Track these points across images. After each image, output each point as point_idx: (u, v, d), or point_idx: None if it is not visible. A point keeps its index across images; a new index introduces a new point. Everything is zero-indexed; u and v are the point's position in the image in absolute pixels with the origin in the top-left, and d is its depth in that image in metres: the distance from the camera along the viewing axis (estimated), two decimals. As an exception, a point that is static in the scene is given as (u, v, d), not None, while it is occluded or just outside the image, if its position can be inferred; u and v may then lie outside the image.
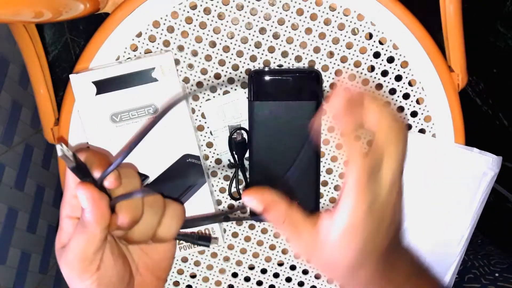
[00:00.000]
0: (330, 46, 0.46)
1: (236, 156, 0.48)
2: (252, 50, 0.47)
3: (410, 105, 0.48)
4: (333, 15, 0.45)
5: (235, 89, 0.48)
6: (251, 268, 0.53)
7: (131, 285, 0.36)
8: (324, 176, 0.50)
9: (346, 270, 0.31)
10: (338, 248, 0.30)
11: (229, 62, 0.47)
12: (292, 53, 0.47)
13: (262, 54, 0.47)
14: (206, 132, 0.49)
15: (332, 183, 0.50)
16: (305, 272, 0.53)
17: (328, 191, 0.51)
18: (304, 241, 0.31)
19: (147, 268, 0.37)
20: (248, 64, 0.47)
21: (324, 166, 0.50)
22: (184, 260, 0.52)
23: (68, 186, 0.33)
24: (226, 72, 0.47)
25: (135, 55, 0.47)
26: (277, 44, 0.46)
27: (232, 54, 0.47)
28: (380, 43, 0.46)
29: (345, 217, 0.29)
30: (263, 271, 0.53)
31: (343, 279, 0.32)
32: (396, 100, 0.48)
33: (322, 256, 0.31)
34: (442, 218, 0.49)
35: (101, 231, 0.32)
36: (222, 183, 0.51)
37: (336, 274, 0.32)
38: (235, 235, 0.52)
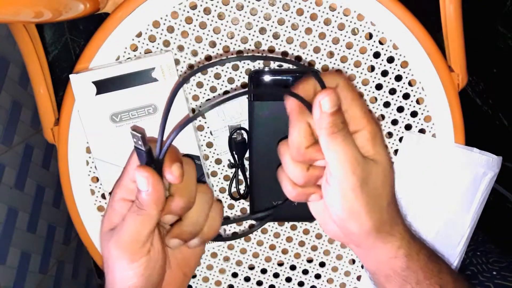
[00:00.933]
0: (330, 46, 0.46)
1: (236, 156, 0.48)
2: (252, 50, 0.47)
3: (410, 105, 0.48)
4: (333, 15, 0.45)
5: (235, 89, 0.48)
6: (251, 268, 0.53)
7: (163, 277, 0.36)
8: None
9: (392, 183, 0.34)
10: (387, 158, 0.33)
11: (229, 62, 0.47)
12: (292, 53, 0.47)
13: (262, 54, 0.47)
14: (206, 132, 0.49)
15: (332, 183, 0.50)
16: (305, 272, 0.53)
17: (328, 191, 0.51)
18: (360, 159, 0.32)
19: (178, 263, 0.38)
20: (248, 64, 0.47)
21: (324, 166, 0.50)
22: (184, 260, 0.53)
23: (128, 171, 0.34)
24: (226, 72, 0.47)
25: (135, 55, 0.47)
26: (277, 44, 0.46)
27: (232, 54, 0.47)
28: (380, 43, 0.46)
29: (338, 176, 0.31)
30: (263, 271, 0.53)
31: (387, 198, 0.34)
32: (396, 100, 0.48)
33: (380, 169, 0.33)
34: (442, 218, 0.49)
35: (157, 213, 0.33)
36: (222, 183, 0.51)
37: (385, 192, 0.33)
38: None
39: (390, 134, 0.49)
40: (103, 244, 0.34)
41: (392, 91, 0.48)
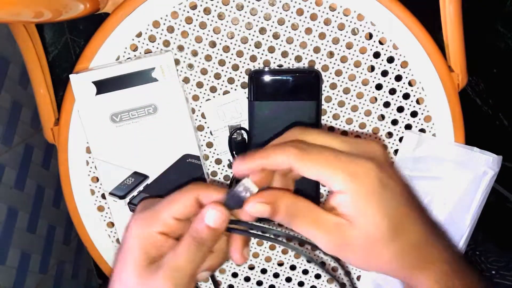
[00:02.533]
0: (330, 46, 0.46)
1: (236, 156, 0.48)
2: (252, 50, 0.47)
3: (410, 105, 0.48)
4: (333, 15, 0.45)
5: (235, 89, 0.48)
6: (251, 268, 0.53)
7: None
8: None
9: (389, 238, 0.30)
10: (372, 215, 0.29)
11: (229, 62, 0.47)
12: (292, 53, 0.47)
13: (262, 54, 0.47)
14: (206, 132, 0.49)
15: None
16: (305, 272, 0.53)
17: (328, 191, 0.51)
18: (331, 229, 0.30)
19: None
20: (248, 64, 0.47)
21: (324, 166, 0.50)
22: (184, 260, 0.52)
23: (174, 208, 0.33)
24: (226, 72, 0.47)
25: (135, 55, 0.47)
26: (277, 44, 0.46)
27: (232, 54, 0.47)
28: (380, 43, 0.46)
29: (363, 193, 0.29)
30: (263, 271, 0.53)
31: (386, 253, 0.31)
32: (396, 100, 0.48)
33: (360, 232, 0.29)
34: (441, 217, 0.49)
35: (214, 245, 0.33)
36: (222, 183, 0.51)
37: (378, 248, 0.30)
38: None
39: (390, 134, 0.49)
40: (139, 277, 0.32)
41: (392, 91, 0.48)
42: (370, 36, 0.46)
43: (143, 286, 0.32)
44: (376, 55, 0.47)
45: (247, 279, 0.54)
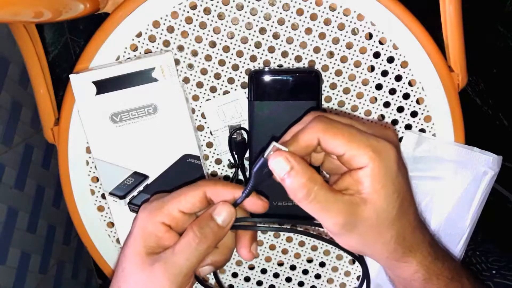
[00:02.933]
0: (330, 46, 0.46)
1: (236, 156, 0.48)
2: (252, 50, 0.47)
3: (410, 105, 0.48)
4: (333, 15, 0.45)
5: (235, 89, 0.48)
6: (251, 268, 0.53)
7: None
8: (324, 177, 0.50)
9: (395, 218, 0.31)
10: (388, 192, 0.30)
11: (229, 62, 0.47)
12: (292, 53, 0.47)
13: (262, 54, 0.47)
14: (206, 132, 0.49)
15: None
16: (305, 272, 0.53)
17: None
18: (342, 207, 0.30)
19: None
20: (248, 64, 0.47)
21: (324, 166, 0.50)
22: (184, 260, 0.52)
23: (182, 201, 0.34)
24: (226, 72, 0.47)
25: (135, 55, 0.47)
26: (277, 44, 0.46)
27: (232, 54, 0.47)
28: (380, 43, 0.46)
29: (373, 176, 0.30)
30: (263, 271, 0.53)
31: (391, 232, 0.32)
32: (396, 100, 0.48)
33: (372, 208, 0.30)
34: (442, 217, 0.49)
35: (213, 247, 0.34)
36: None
37: (384, 228, 0.31)
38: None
39: (390, 134, 0.49)
40: (136, 268, 0.32)
41: (392, 91, 0.48)
42: (370, 36, 0.46)
43: (140, 276, 0.32)
44: (376, 55, 0.47)
45: (247, 279, 0.54)
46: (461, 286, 0.36)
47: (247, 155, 0.48)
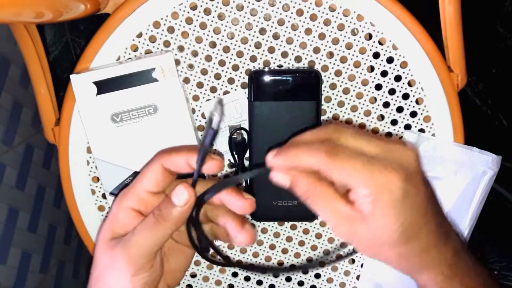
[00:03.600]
0: (329, 47, 0.47)
1: (236, 156, 0.48)
2: (252, 51, 0.47)
3: (409, 105, 0.48)
4: (333, 16, 0.46)
5: (235, 89, 0.48)
6: (251, 267, 0.53)
7: None
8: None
9: (397, 242, 0.31)
10: (386, 221, 0.30)
11: (229, 63, 0.47)
12: (292, 54, 0.47)
13: (262, 54, 0.47)
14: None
15: (332, 183, 0.50)
16: (304, 272, 0.53)
17: (328, 191, 0.51)
18: (343, 218, 0.30)
19: (165, 274, 0.37)
20: (248, 64, 0.47)
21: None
22: (184, 259, 0.53)
23: (144, 181, 0.33)
24: (226, 72, 0.47)
25: (135, 56, 0.47)
26: (277, 44, 0.47)
27: (232, 55, 0.47)
28: (380, 43, 0.46)
29: (384, 189, 0.29)
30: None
31: (391, 253, 0.32)
32: (396, 100, 0.48)
33: (369, 231, 0.30)
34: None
35: (174, 230, 0.33)
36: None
37: (384, 248, 0.31)
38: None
39: (389, 134, 0.49)
40: (102, 251, 0.33)
41: (392, 91, 0.48)
42: (369, 36, 0.46)
43: (103, 259, 0.33)
44: (376, 55, 0.47)
45: (247, 278, 0.54)
46: None
47: (247, 155, 0.48)
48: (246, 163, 0.49)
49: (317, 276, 0.53)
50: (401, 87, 0.48)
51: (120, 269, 0.32)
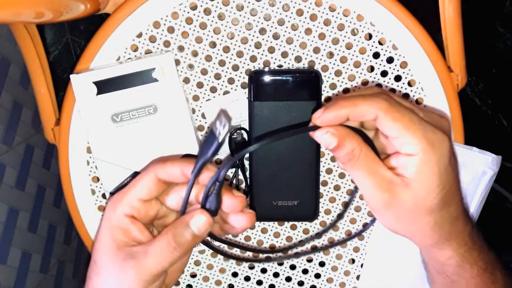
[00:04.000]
0: (330, 47, 0.47)
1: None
2: (252, 51, 0.47)
3: (409, 105, 0.48)
4: (332, 16, 0.46)
5: (235, 89, 0.48)
6: (251, 268, 0.53)
7: None
8: (324, 176, 0.50)
9: (436, 207, 0.31)
10: (430, 183, 0.30)
11: (229, 63, 0.47)
12: (292, 54, 0.47)
13: (262, 54, 0.47)
14: (206, 132, 0.49)
15: (332, 183, 0.50)
16: (304, 271, 0.53)
17: (328, 191, 0.51)
18: (385, 182, 0.31)
19: None
20: (248, 64, 0.47)
21: (324, 166, 0.50)
22: (185, 259, 0.53)
23: (137, 189, 0.33)
24: (226, 72, 0.47)
25: (135, 56, 0.47)
26: (277, 44, 0.47)
27: (232, 55, 0.47)
28: (380, 43, 0.46)
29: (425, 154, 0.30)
30: (263, 270, 0.54)
31: (429, 219, 0.32)
32: (396, 100, 0.48)
33: (411, 195, 0.30)
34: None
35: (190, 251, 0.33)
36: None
37: (421, 214, 0.31)
38: (234, 235, 0.52)
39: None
40: (108, 259, 0.33)
41: (392, 91, 0.48)
42: (369, 36, 0.46)
43: (111, 268, 0.32)
44: (376, 55, 0.47)
45: (247, 278, 0.54)
46: (493, 277, 0.36)
47: (247, 155, 0.48)
48: (246, 163, 0.49)
49: (317, 276, 0.53)
50: (401, 87, 0.48)
51: (132, 281, 0.32)
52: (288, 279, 0.54)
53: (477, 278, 0.35)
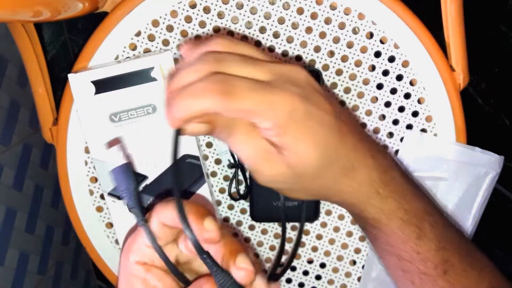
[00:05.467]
0: (330, 45, 0.46)
1: (236, 156, 0.48)
2: (252, 49, 0.46)
3: (411, 104, 0.48)
4: (333, 14, 0.45)
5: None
6: (251, 269, 0.53)
7: None
8: (325, 176, 0.50)
9: (318, 168, 0.29)
10: (300, 149, 0.28)
11: (229, 62, 0.47)
12: (293, 53, 0.46)
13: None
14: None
15: (332, 183, 0.50)
16: (305, 273, 0.53)
17: (329, 192, 0.50)
18: (264, 153, 0.29)
19: None
20: (248, 63, 0.47)
21: (324, 166, 0.50)
22: (184, 261, 0.52)
23: (144, 237, 0.32)
24: (226, 71, 0.47)
25: (134, 55, 0.46)
26: (277, 43, 0.46)
27: (232, 54, 0.46)
28: (381, 42, 0.46)
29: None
30: (263, 271, 0.53)
31: (318, 183, 0.30)
32: (397, 100, 0.48)
33: (288, 164, 0.29)
34: (443, 218, 0.49)
35: None
36: (222, 183, 0.51)
37: (307, 179, 0.30)
38: (234, 236, 0.52)
39: (391, 134, 0.49)
40: None
41: (393, 91, 0.48)
42: (371, 35, 0.46)
43: None
44: (377, 54, 0.46)
45: (247, 280, 0.53)
46: (419, 231, 0.33)
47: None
48: (246, 163, 0.48)
49: (318, 277, 0.53)
50: (403, 87, 0.47)
51: None
52: (289, 280, 0.53)
53: (398, 231, 0.32)
